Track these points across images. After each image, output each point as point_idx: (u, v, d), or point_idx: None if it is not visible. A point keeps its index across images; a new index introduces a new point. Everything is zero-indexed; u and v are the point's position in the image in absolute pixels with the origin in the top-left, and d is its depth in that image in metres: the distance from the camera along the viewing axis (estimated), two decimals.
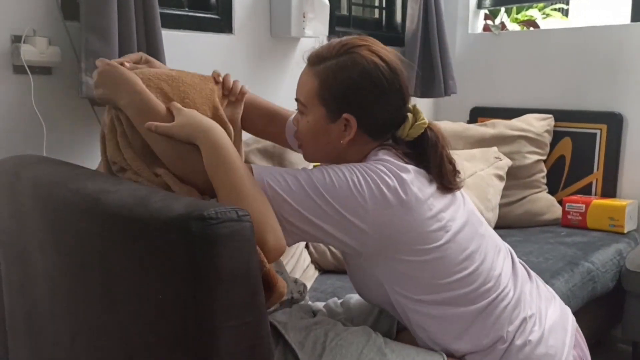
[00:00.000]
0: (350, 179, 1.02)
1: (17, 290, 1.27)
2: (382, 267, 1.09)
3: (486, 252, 1.12)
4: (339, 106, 1.10)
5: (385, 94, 1.10)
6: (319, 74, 1.11)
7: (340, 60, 1.10)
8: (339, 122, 1.10)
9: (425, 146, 1.11)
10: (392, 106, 1.12)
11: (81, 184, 1.02)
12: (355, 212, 1.01)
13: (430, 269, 1.07)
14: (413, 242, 1.05)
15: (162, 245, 0.84)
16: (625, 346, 2.33)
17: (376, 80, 1.08)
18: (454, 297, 1.09)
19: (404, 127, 1.12)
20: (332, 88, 1.09)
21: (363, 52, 1.09)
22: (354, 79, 1.08)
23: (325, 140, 1.13)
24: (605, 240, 2.23)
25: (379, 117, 1.11)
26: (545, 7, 4.72)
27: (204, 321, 0.82)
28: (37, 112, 1.62)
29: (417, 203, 1.04)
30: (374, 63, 1.08)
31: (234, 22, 2.15)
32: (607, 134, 2.49)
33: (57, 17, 1.66)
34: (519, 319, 1.12)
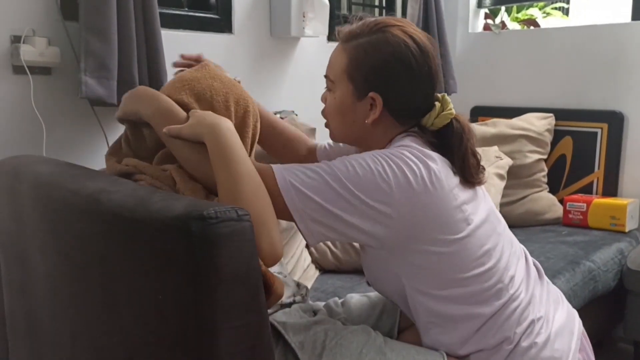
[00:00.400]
0: (374, 168, 1.00)
1: (18, 290, 1.26)
2: (402, 259, 1.07)
3: (502, 251, 1.11)
4: (366, 84, 1.09)
5: (414, 77, 1.09)
6: (350, 50, 1.10)
7: (372, 39, 1.09)
8: (365, 101, 1.10)
9: (450, 137, 1.10)
10: (420, 91, 1.10)
11: (81, 184, 1.02)
12: (381, 200, 0.99)
13: (448, 262, 1.05)
14: (436, 231, 1.03)
15: (162, 245, 0.84)
16: (626, 346, 2.33)
17: (406, 61, 1.07)
18: (468, 294, 1.07)
19: (429, 116, 1.11)
20: (361, 65, 1.09)
21: (396, 32, 1.08)
22: (383, 58, 1.08)
23: (350, 118, 1.12)
24: (606, 239, 2.22)
25: (406, 99, 1.10)
26: (546, 6, 4.72)
27: (204, 321, 0.82)
28: (37, 113, 1.62)
29: (442, 191, 1.03)
30: (406, 44, 1.07)
31: (234, 22, 2.15)
32: (608, 133, 2.48)
33: (56, 18, 1.66)
34: (528, 321, 1.11)
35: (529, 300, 1.13)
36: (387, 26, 1.09)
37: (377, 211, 0.99)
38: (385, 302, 1.31)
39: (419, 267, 1.07)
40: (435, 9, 2.66)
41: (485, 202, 1.14)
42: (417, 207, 1.01)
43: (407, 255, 1.06)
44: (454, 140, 1.09)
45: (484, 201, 1.13)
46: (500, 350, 1.09)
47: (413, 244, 1.04)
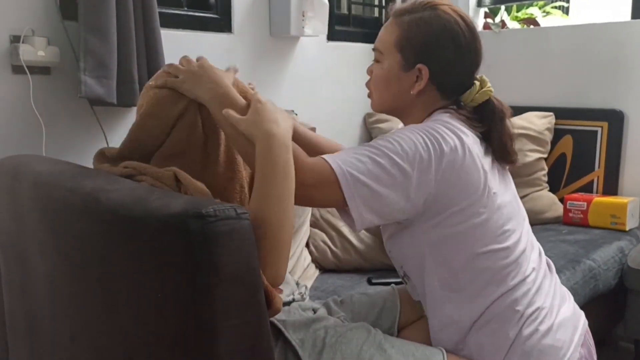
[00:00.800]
0: (415, 139, 1.05)
1: (17, 290, 1.26)
2: (432, 229, 1.10)
3: (521, 236, 1.15)
4: (415, 56, 1.15)
5: (462, 53, 1.15)
6: (402, 24, 1.16)
7: (424, 14, 1.15)
8: (412, 72, 1.15)
9: (489, 114, 1.16)
10: (465, 66, 1.17)
11: (80, 184, 1.02)
12: (422, 168, 1.04)
13: (472, 233, 1.09)
14: (465, 200, 1.08)
15: (160, 243, 0.84)
16: (627, 344, 2.33)
17: (455, 37, 1.14)
18: (485, 269, 1.10)
19: (470, 92, 1.17)
20: (412, 38, 1.15)
21: (447, 9, 1.16)
22: (434, 32, 1.14)
23: (396, 88, 1.18)
24: (607, 237, 2.22)
25: (451, 74, 1.16)
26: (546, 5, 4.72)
27: (203, 320, 0.81)
28: (36, 112, 1.62)
29: (473, 163, 1.08)
30: (456, 22, 1.14)
31: (234, 22, 2.15)
32: (608, 132, 2.48)
33: (55, 17, 1.66)
34: (534, 307, 1.12)
35: (538, 288, 1.15)
36: (438, 4, 1.16)
37: (418, 180, 1.04)
38: (385, 300, 1.31)
39: (445, 237, 1.10)
40: None
41: (511, 189, 1.19)
42: (451, 174, 1.06)
43: (436, 225, 1.09)
44: (493, 116, 1.16)
45: (510, 188, 1.19)
46: (504, 336, 1.10)
47: (444, 211, 1.08)
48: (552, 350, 1.11)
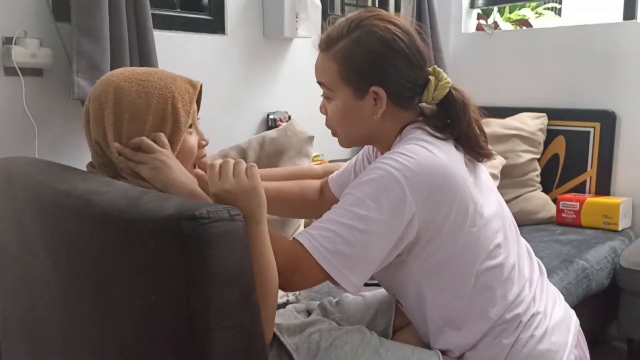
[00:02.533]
0: (381, 185, 1.00)
1: (10, 294, 1.26)
2: (423, 259, 1.06)
3: (511, 242, 1.13)
4: (364, 81, 1.09)
5: (407, 57, 1.09)
6: (336, 55, 1.10)
7: (354, 37, 1.09)
8: (368, 98, 1.09)
9: (452, 108, 1.11)
10: (415, 67, 1.10)
11: (72, 186, 1.01)
12: (399, 209, 0.99)
13: (467, 252, 1.06)
14: (453, 223, 1.03)
15: (153, 245, 0.83)
16: (620, 343, 2.33)
17: (395, 44, 1.08)
18: (486, 291, 1.08)
19: (428, 90, 1.11)
20: (354, 65, 1.08)
21: (374, 21, 1.09)
22: (373, 50, 1.08)
23: (358, 120, 1.12)
24: (599, 238, 2.23)
25: (404, 81, 1.10)
26: (538, 6, 4.74)
27: (197, 322, 0.81)
28: (29, 114, 1.62)
29: (457, 183, 1.04)
30: (388, 29, 1.08)
31: (227, 23, 2.15)
32: (601, 132, 2.49)
33: (48, 19, 1.66)
34: (530, 313, 1.12)
35: (534, 295, 1.14)
36: (364, 19, 1.10)
37: (400, 221, 0.99)
38: (380, 301, 1.31)
39: (438, 264, 1.06)
40: (428, 9, 2.66)
41: (492, 191, 1.16)
42: (433, 204, 1.01)
43: (428, 254, 1.06)
44: (457, 110, 1.11)
45: (491, 190, 1.15)
46: (500, 345, 1.10)
47: (434, 238, 1.04)
48: (549, 354, 1.11)
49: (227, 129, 2.13)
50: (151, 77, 1.05)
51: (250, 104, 2.26)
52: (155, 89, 1.03)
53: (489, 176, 1.20)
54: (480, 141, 1.12)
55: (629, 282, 2.07)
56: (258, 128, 2.27)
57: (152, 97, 1.02)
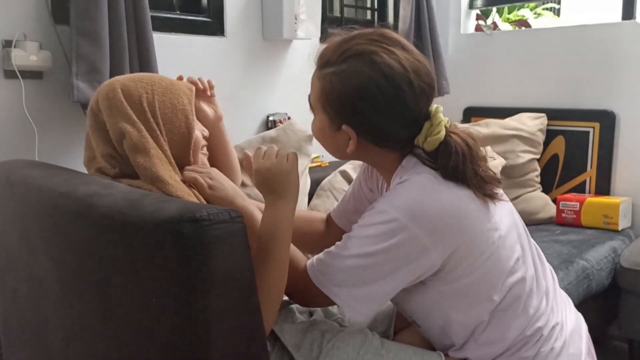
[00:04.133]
0: (393, 224, 0.99)
1: (11, 296, 1.26)
2: (448, 287, 1.05)
3: (528, 258, 1.11)
4: (338, 117, 1.05)
5: (385, 111, 1.02)
6: (322, 79, 1.06)
7: (338, 69, 1.03)
8: (341, 132, 1.06)
9: (446, 155, 1.02)
10: (396, 121, 1.03)
11: (73, 188, 1.02)
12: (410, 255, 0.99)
13: (489, 274, 1.04)
14: (474, 247, 1.02)
15: (154, 247, 0.83)
16: (621, 344, 2.33)
17: (372, 97, 1.01)
18: (510, 308, 1.07)
19: (418, 139, 1.04)
20: (331, 98, 1.04)
21: (363, 62, 1.01)
22: (348, 94, 1.02)
23: (334, 145, 1.10)
24: (599, 237, 2.23)
25: (382, 131, 1.05)
26: (537, 7, 4.74)
27: (198, 324, 0.81)
28: (29, 117, 1.62)
29: (467, 219, 1.02)
30: (371, 78, 1.00)
31: (226, 25, 2.15)
32: (600, 132, 2.49)
33: (47, 22, 1.66)
34: (551, 325, 1.11)
35: (551, 306, 1.13)
36: (355, 54, 1.02)
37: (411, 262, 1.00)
38: None
39: (464, 288, 1.05)
40: (427, 10, 2.66)
41: (507, 206, 1.13)
42: (448, 241, 1.00)
43: (453, 281, 1.04)
44: (454, 160, 1.02)
45: (506, 205, 1.13)
46: (521, 358, 1.09)
47: (457, 268, 1.03)
48: None
49: (227, 130, 2.13)
50: (153, 77, 1.15)
51: (249, 106, 2.26)
52: (160, 88, 1.13)
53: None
54: (487, 189, 1.04)
55: (629, 281, 2.07)
56: (258, 129, 2.27)
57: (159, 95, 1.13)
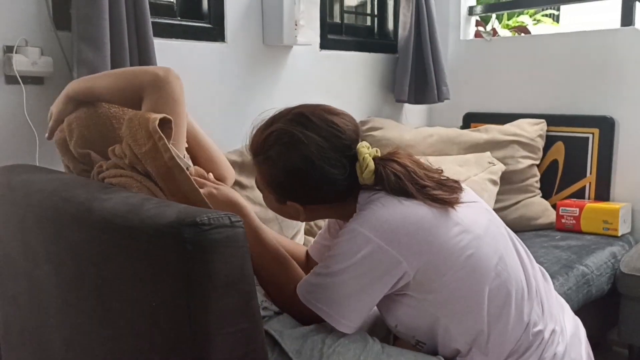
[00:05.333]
0: (358, 242, 1.05)
1: (12, 300, 1.26)
2: (429, 294, 1.07)
3: (510, 254, 1.12)
4: (280, 195, 1.14)
5: (313, 183, 1.09)
6: (257, 165, 1.15)
7: (266, 157, 1.11)
8: (289, 206, 1.15)
9: (384, 183, 1.08)
10: (327, 186, 1.10)
11: (73, 193, 1.02)
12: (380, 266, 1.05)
13: (468, 278, 1.06)
14: (444, 252, 1.05)
15: (155, 252, 0.84)
16: (621, 349, 2.33)
17: (298, 176, 1.09)
18: (497, 312, 1.08)
19: (359, 179, 1.10)
20: (268, 182, 1.14)
21: (280, 150, 1.09)
22: (280, 176, 1.11)
23: (289, 215, 1.19)
24: (599, 243, 2.23)
25: (321, 196, 1.12)
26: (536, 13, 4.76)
27: (198, 328, 0.81)
28: (30, 122, 1.62)
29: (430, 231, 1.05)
30: (290, 164, 1.08)
31: (227, 31, 2.16)
32: (600, 138, 2.50)
33: (49, 27, 1.66)
34: (550, 329, 1.11)
35: (548, 309, 1.14)
36: (273, 143, 1.10)
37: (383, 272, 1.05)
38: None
39: (450, 295, 1.07)
40: (427, 16, 2.67)
41: (481, 208, 1.15)
42: (416, 248, 1.04)
43: (438, 290, 1.07)
44: (391, 182, 1.07)
45: (481, 207, 1.15)
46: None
47: (435, 276, 1.06)
48: None
49: (227, 135, 2.14)
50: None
51: (250, 111, 2.27)
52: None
53: (471, 191, 1.19)
54: (437, 197, 1.07)
55: (629, 287, 2.07)
56: None
57: None
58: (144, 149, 1.04)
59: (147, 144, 1.04)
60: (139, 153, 1.05)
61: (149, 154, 1.04)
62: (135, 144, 1.06)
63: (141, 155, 1.05)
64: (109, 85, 1.21)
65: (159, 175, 1.04)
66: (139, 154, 1.05)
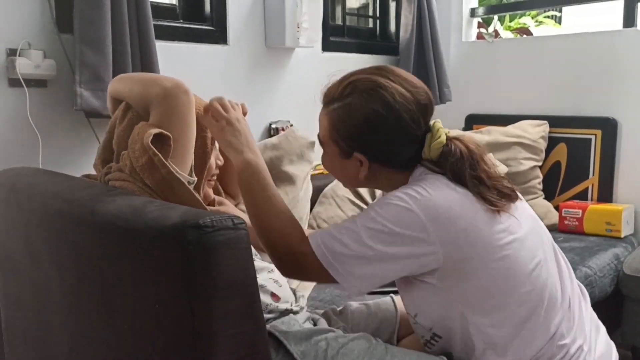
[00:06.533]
0: (401, 206, 1.03)
1: (15, 302, 1.26)
2: (461, 288, 1.06)
3: (550, 267, 1.11)
4: (348, 146, 1.12)
5: (389, 136, 1.10)
6: (329, 115, 1.14)
7: (343, 104, 1.11)
8: (352, 160, 1.13)
9: (449, 161, 1.09)
10: (401, 143, 1.11)
11: (76, 195, 1.02)
12: (417, 231, 1.02)
13: (500, 277, 1.05)
14: (480, 246, 1.04)
15: (158, 254, 0.84)
16: (624, 351, 2.32)
17: (376, 126, 1.09)
18: (529, 319, 1.07)
19: (424, 151, 1.12)
20: (339, 130, 1.12)
21: (364, 96, 1.10)
22: (355, 125, 1.10)
23: (345, 174, 1.17)
24: (602, 245, 2.23)
25: (390, 154, 1.12)
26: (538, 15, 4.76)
27: (200, 330, 0.82)
28: (33, 125, 1.63)
29: (471, 212, 1.05)
30: (373, 110, 1.08)
31: (229, 33, 2.16)
32: (602, 139, 2.50)
33: (51, 30, 1.67)
34: (577, 345, 1.10)
35: (578, 325, 1.12)
36: (356, 90, 1.11)
37: (419, 239, 1.02)
38: (385, 310, 1.31)
39: (479, 290, 1.06)
40: (429, 18, 2.68)
41: (527, 212, 1.14)
42: (452, 231, 1.03)
43: (465, 281, 1.06)
44: (452, 163, 1.08)
45: (526, 211, 1.14)
46: None
47: (466, 265, 1.04)
48: None
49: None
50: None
51: (252, 113, 2.25)
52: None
53: (519, 199, 1.18)
54: (487, 195, 1.07)
55: (632, 289, 2.06)
56: (260, 137, 2.28)
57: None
58: (140, 162, 1.04)
59: (142, 157, 1.04)
60: (136, 165, 1.05)
61: (145, 168, 1.04)
62: (133, 156, 1.05)
63: (138, 168, 1.05)
64: (129, 91, 1.20)
65: (158, 188, 1.04)
66: (137, 167, 1.05)
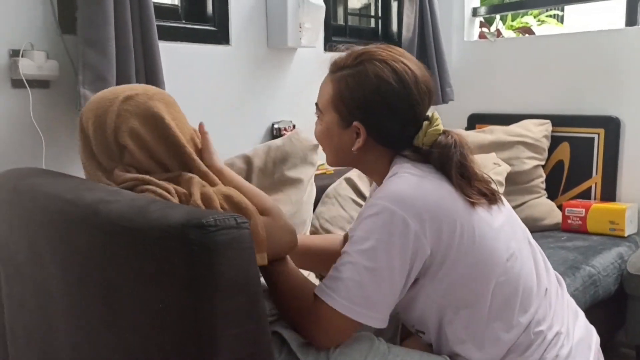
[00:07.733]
0: (380, 214, 1.03)
1: (17, 304, 1.26)
2: (438, 281, 1.07)
3: (524, 253, 1.13)
4: (350, 114, 1.13)
5: (395, 109, 1.11)
6: (335, 81, 1.14)
7: (354, 71, 1.12)
8: (350, 130, 1.13)
9: (439, 152, 1.10)
10: (403, 119, 1.12)
11: (79, 196, 1.02)
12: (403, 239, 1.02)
13: (477, 268, 1.06)
14: (459, 235, 1.05)
15: (161, 254, 0.84)
16: (628, 350, 2.32)
17: (385, 95, 1.10)
18: (506, 306, 1.08)
19: (418, 136, 1.12)
20: (345, 97, 1.12)
21: (377, 65, 1.11)
22: (364, 92, 1.11)
23: (338, 145, 1.17)
24: (606, 244, 2.22)
25: (390, 128, 1.12)
26: (541, 14, 4.75)
27: (204, 329, 0.82)
28: (36, 126, 1.63)
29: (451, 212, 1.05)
30: (385, 79, 1.09)
31: (231, 34, 2.16)
32: (605, 138, 2.49)
33: (54, 31, 1.67)
34: (554, 331, 1.11)
35: (555, 309, 1.14)
36: (370, 59, 1.12)
37: (407, 247, 1.02)
38: None
39: (455, 282, 1.07)
40: (431, 17, 2.67)
41: (498, 211, 1.14)
42: (435, 225, 1.03)
43: (444, 275, 1.06)
44: (442, 155, 1.09)
45: (501, 211, 1.14)
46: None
47: (446, 259, 1.05)
48: None
49: (232, 138, 2.14)
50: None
51: (255, 114, 2.27)
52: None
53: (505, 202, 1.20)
54: (466, 188, 1.08)
55: (636, 288, 2.06)
56: (263, 137, 2.28)
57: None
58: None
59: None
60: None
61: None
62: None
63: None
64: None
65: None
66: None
